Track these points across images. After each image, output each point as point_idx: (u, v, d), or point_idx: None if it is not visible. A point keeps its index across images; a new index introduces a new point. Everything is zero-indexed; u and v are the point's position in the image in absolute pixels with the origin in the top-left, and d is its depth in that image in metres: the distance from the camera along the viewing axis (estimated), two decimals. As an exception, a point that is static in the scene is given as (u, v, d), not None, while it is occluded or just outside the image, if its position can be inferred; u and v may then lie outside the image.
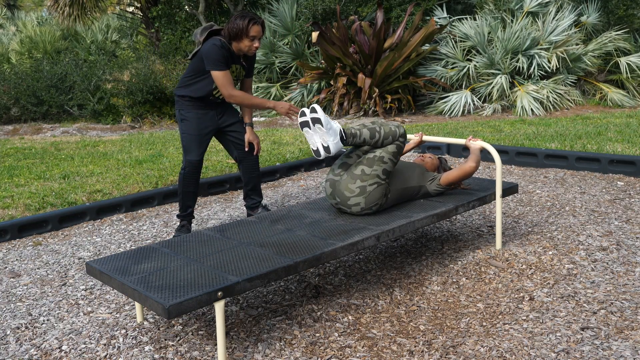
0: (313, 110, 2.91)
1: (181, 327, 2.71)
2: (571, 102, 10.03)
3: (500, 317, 2.70)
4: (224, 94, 3.62)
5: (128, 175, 5.56)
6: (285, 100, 11.22)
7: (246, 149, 3.91)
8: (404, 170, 3.30)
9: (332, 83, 10.49)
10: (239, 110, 3.98)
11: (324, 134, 2.91)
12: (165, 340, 2.59)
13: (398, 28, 10.42)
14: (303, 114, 2.96)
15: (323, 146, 2.94)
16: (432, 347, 2.46)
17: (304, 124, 2.96)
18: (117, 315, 2.86)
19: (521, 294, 2.92)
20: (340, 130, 2.97)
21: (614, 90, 10.21)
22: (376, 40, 9.68)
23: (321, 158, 3.01)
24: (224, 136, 3.91)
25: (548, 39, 10.10)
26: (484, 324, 2.64)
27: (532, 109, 9.53)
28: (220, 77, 3.57)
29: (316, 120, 2.90)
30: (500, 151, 6.01)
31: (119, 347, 2.54)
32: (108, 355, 2.48)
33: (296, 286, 3.13)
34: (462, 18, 11.02)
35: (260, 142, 7.49)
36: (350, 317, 2.75)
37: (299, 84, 10.73)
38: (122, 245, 3.95)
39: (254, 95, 11.50)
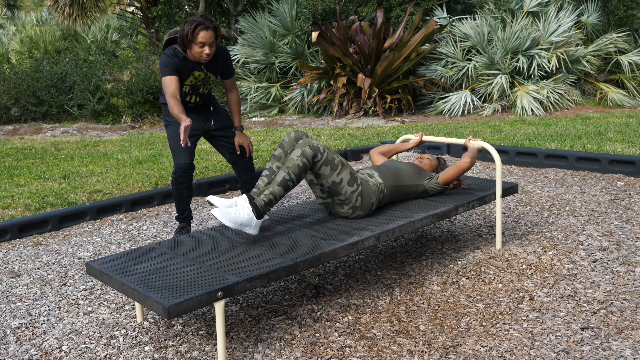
0: (215, 212, 2.64)
1: (181, 327, 2.71)
2: (571, 102, 10.03)
3: (500, 317, 2.70)
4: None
5: (128, 175, 5.56)
6: (285, 101, 11.22)
7: (238, 152, 3.88)
8: (399, 168, 3.30)
9: (332, 83, 10.49)
10: (228, 113, 3.94)
11: (240, 227, 2.70)
12: (165, 340, 2.59)
13: (398, 28, 10.42)
14: (211, 204, 2.75)
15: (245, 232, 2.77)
16: (432, 347, 2.46)
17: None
18: (117, 315, 2.86)
19: (521, 294, 2.92)
20: (251, 212, 2.71)
21: (614, 90, 10.21)
22: (376, 40, 9.68)
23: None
24: (215, 141, 3.87)
25: (548, 39, 10.10)
26: (484, 324, 2.64)
27: (532, 109, 9.53)
28: (164, 82, 3.45)
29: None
30: (500, 151, 6.01)
31: (119, 347, 2.54)
32: (108, 355, 2.48)
33: (296, 286, 3.13)
34: (462, 18, 11.02)
35: (261, 142, 7.49)
36: (350, 317, 2.75)
37: (299, 84, 10.73)
38: (122, 245, 3.95)
39: (254, 95, 11.49)
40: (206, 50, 3.39)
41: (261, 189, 2.90)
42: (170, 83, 3.42)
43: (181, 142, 3.09)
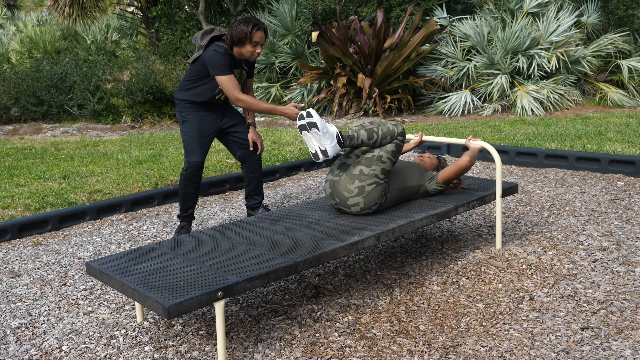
0: (309, 115, 2.92)
1: (181, 327, 2.71)
2: (571, 102, 10.03)
3: (500, 317, 2.70)
4: (230, 99, 3.62)
5: (128, 175, 5.56)
6: (285, 101, 11.22)
7: (251, 149, 3.92)
8: (403, 170, 3.30)
9: (332, 83, 10.49)
10: (239, 110, 3.98)
11: (320, 138, 2.93)
12: (165, 340, 2.59)
13: (398, 28, 10.42)
14: (301, 117, 2.97)
15: (320, 150, 2.96)
16: (432, 347, 2.46)
17: (302, 128, 2.98)
18: (117, 315, 2.86)
19: (521, 294, 2.92)
20: (337, 133, 2.98)
21: (614, 90, 10.21)
22: (376, 40, 9.68)
23: (320, 161, 3.02)
24: (226, 137, 3.92)
25: (548, 39, 10.10)
26: (484, 324, 2.64)
27: (532, 109, 9.53)
28: (225, 81, 3.57)
29: (312, 125, 2.92)
30: (500, 151, 6.01)
31: (119, 347, 2.54)
32: (108, 355, 2.48)
33: (296, 286, 3.13)
34: (462, 18, 11.02)
35: (260, 142, 7.50)
36: (350, 317, 2.75)
37: (299, 84, 10.73)
38: (122, 245, 3.95)
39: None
40: (258, 49, 3.61)
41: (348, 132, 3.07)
42: (233, 81, 3.58)
43: (299, 106, 3.42)
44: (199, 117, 3.75)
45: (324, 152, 2.95)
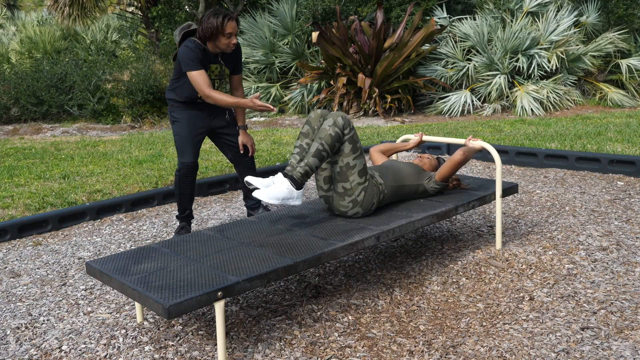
0: (248, 184, 2.82)
1: (181, 327, 2.71)
2: (571, 102, 10.03)
3: (500, 317, 2.70)
4: (200, 94, 3.55)
5: (128, 175, 5.56)
6: (285, 101, 11.22)
7: (241, 152, 3.89)
8: (400, 168, 3.30)
9: (332, 83, 10.49)
10: (233, 111, 3.95)
11: (283, 202, 2.81)
12: (165, 340, 2.59)
13: (398, 28, 10.42)
14: (249, 184, 2.87)
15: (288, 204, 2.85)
16: (432, 347, 2.46)
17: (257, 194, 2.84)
18: (117, 315, 2.86)
19: (521, 294, 2.92)
20: (289, 185, 2.81)
21: (614, 90, 10.21)
22: (376, 40, 9.68)
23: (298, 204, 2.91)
24: (218, 139, 3.88)
25: (548, 39, 10.10)
26: (484, 324, 2.64)
27: (532, 109, 9.53)
28: (195, 76, 3.49)
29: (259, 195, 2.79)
30: (500, 151, 6.01)
31: (119, 347, 2.54)
32: (108, 355, 2.48)
33: (296, 286, 3.13)
34: (462, 18, 11.02)
35: (261, 142, 7.49)
36: (350, 317, 2.75)
37: (299, 84, 10.73)
38: (122, 245, 3.95)
39: (255, 95, 11.41)
40: (233, 40, 3.52)
41: (294, 165, 2.93)
42: (203, 77, 3.48)
43: (267, 106, 3.31)
44: (189, 116, 3.70)
45: (294, 204, 2.87)
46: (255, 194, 2.77)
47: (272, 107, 3.34)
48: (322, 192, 3.11)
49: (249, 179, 2.84)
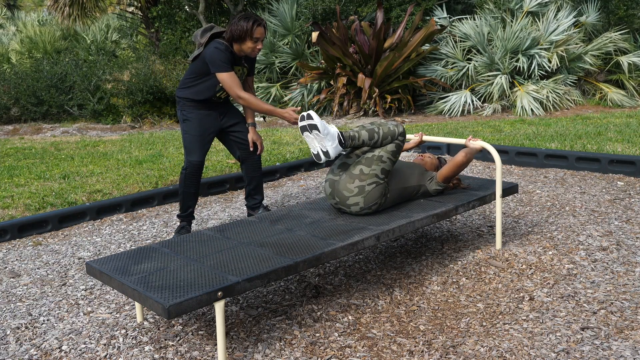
0: (309, 117, 2.93)
1: (181, 327, 2.71)
2: (571, 102, 10.03)
3: (500, 317, 2.70)
4: (232, 96, 3.61)
5: (128, 175, 5.56)
6: (285, 101, 11.22)
7: (251, 149, 3.91)
8: (403, 170, 3.30)
9: (332, 83, 10.49)
10: (240, 109, 3.98)
11: (322, 139, 2.94)
12: (165, 340, 2.59)
13: (398, 28, 10.42)
14: (302, 119, 2.98)
15: (322, 151, 2.97)
16: (432, 347, 2.46)
17: (303, 129, 2.99)
18: (117, 315, 2.86)
19: (521, 294, 2.92)
20: (338, 134, 2.99)
21: (614, 90, 10.21)
22: (376, 40, 9.68)
23: (322, 162, 3.04)
24: (226, 136, 3.91)
25: (548, 39, 10.10)
26: (484, 324, 2.64)
27: (532, 109, 9.53)
28: (226, 78, 3.57)
29: (313, 127, 2.93)
30: (500, 151, 6.01)
31: (119, 347, 2.54)
32: (108, 355, 2.48)
33: (296, 286, 3.13)
34: (462, 18, 11.02)
35: (260, 142, 7.49)
36: (350, 317, 2.75)
37: (299, 84, 10.73)
38: (122, 245, 3.95)
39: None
40: (259, 45, 3.60)
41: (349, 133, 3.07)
42: (233, 78, 3.58)
43: (295, 118, 3.43)
44: (200, 115, 3.74)
45: (326, 153, 2.97)
46: (310, 112, 2.92)
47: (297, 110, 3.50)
48: (332, 175, 3.16)
49: (312, 112, 2.94)
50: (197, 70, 3.67)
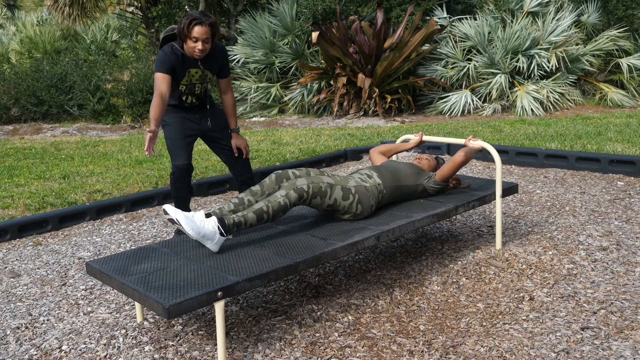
0: (177, 221, 2.55)
1: (181, 327, 2.71)
2: (571, 102, 10.03)
3: (500, 317, 2.70)
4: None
5: (128, 175, 5.56)
6: (285, 101, 11.22)
7: (235, 154, 3.84)
8: (399, 169, 3.30)
9: (332, 83, 10.49)
10: (223, 115, 3.89)
11: (198, 238, 2.59)
12: (165, 340, 2.59)
13: (398, 28, 10.42)
14: (165, 213, 2.61)
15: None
16: (432, 347, 2.46)
17: (172, 221, 2.62)
18: (117, 315, 2.86)
19: (521, 294, 2.92)
20: (218, 227, 2.61)
21: (614, 90, 10.21)
22: (376, 40, 9.68)
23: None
24: (211, 142, 3.81)
25: (548, 39, 10.10)
26: (484, 324, 2.64)
27: (532, 109, 9.53)
28: (156, 79, 3.45)
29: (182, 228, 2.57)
30: (500, 151, 6.01)
31: (119, 347, 2.54)
32: (108, 355, 2.48)
33: (296, 286, 3.13)
34: (462, 18, 11.02)
35: (261, 142, 7.49)
36: (350, 317, 2.75)
37: (299, 84, 10.73)
38: (122, 245, 3.95)
39: (254, 95, 11.49)
40: (199, 45, 3.37)
41: (224, 212, 2.78)
42: (161, 81, 3.41)
43: (145, 150, 3.15)
44: (179, 119, 3.65)
45: (213, 246, 2.65)
46: (176, 214, 2.55)
47: (148, 148, 3.29)
48: (322, 212, 3.18)
49: (167, 207, 2.60)
50: None
